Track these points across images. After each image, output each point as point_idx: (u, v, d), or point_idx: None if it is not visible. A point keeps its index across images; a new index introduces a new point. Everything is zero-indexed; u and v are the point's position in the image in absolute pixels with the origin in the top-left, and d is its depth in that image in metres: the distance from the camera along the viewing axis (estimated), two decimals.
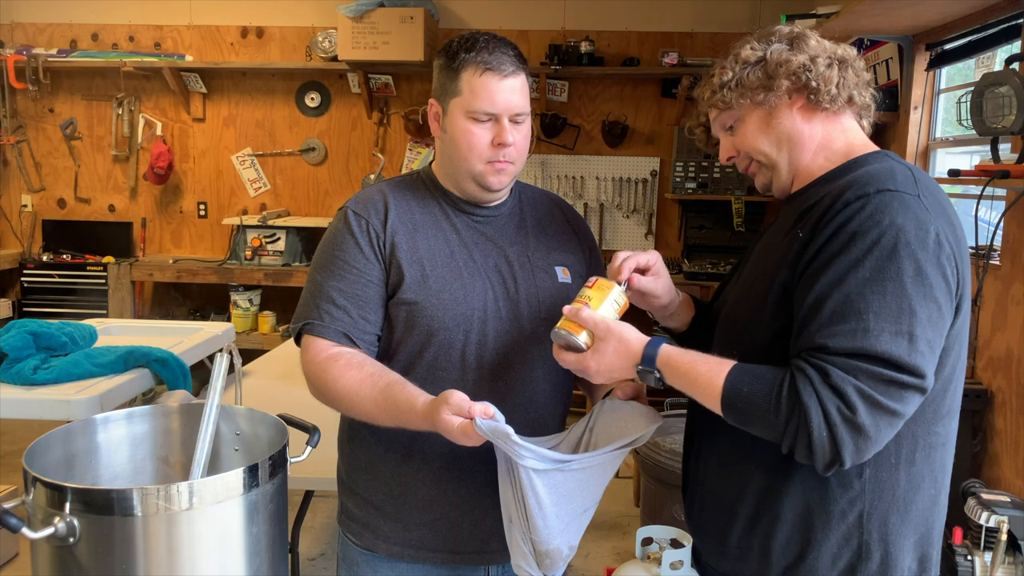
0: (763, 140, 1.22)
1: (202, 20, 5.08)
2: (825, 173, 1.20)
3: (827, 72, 1.17)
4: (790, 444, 1.03)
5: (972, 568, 2.00)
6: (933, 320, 1.03)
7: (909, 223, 1.03)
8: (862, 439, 1.00)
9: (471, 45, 1.34)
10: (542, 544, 1.22)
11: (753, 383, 1.06)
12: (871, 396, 1.00)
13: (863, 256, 1.02)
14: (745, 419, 1.07)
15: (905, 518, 1.14)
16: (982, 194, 2.50)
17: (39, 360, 2.17)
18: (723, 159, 1.29)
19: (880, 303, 1.01)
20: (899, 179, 1.08)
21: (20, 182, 5.25)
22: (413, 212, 1.43)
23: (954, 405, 1.16)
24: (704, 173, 4.76)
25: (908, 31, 3.29)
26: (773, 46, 1.19)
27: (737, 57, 1.21)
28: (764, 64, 1.18)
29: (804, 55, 1.18)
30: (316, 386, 1.36)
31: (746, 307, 1.20)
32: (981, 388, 2.64)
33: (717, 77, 1.22)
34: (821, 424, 1.00)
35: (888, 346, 1.00)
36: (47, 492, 1.10)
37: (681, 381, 1.13)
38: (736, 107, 1.21)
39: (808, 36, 1.21)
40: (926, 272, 1.02)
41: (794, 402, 1.01)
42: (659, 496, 3.02)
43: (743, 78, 1.19)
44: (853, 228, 1.04)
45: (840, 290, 1.03)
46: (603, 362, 1.17)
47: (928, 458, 1.14)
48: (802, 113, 1.20)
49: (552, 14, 4.93)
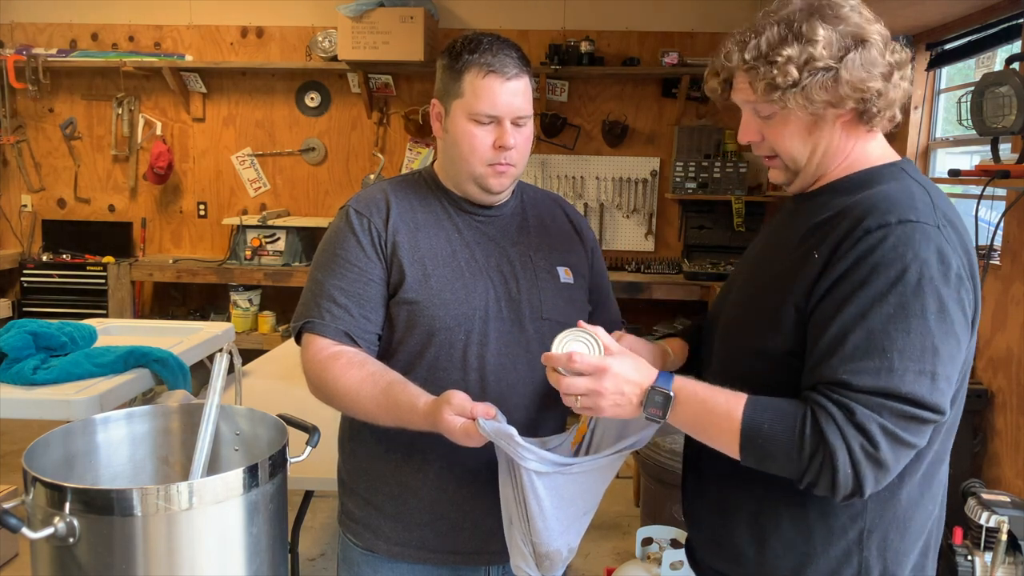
0: (799, 146, 1.15)
1: (202, 20, 5.08)
2: (839, 180, 1.16)
3: (893, 96, 1.10)
4: (811, 480, 1.02)
5: (972, 568, 2.00)
6: (953, 356, 1.03)
7: (932, 257, 1.01)
8: (882, 472, 1.01)
9: (475, 46, 1.34)
10: (542, 546, 1.22)
11: (774, 419, 1.04)
12: (893, 432, 1.00)
13: (887, 291, 1.01)
14: (764, 455, 1.05)
15: (905, 535, 1.14)
16: (982, 194, 2.50)
17: (39, 360, 2.17)
18: (743, 139, 1.20)
19: (904, 341, 1.00)
20: (920, 207, 1.05)
21: (20, 182, 5.25)
22: (415, 211, 1.42)
23: (954, 422, 1.16)
24: (704, 173, 4.76)
25: (908, 31, 3.29)
26: (849, 55, 1.07)
27: (805, 53, 1.07)
28: (836, 77, 1.07)
29: (877, 71, 1.08)
30: (316, 385, 1.35)
31: (752, 317, 1.18)
32: (981, 388, 2.64)
33: (780, 74, 1.07)
34: (847, 462, 0.99)
35: (912, 386, 1.00)
36: (47, 492, 1.10)
37: (695, 409, 1.09)
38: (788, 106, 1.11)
39: (874, 37, 1.10)
40: (948, 308, 1.02)
41: (818, 440, 1.00)
42: (659, 496, 3.02)
43: (810, 87, 1.07)
44: (875, 260, 1.02)
45: (864, 325, 1.01)
46: (623, 368, 1.10)
47: (928, 475, 1.14)
48: (844, 127, 1.14)
49: (552, 14, 4.93)
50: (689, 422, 1.11)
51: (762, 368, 1.13)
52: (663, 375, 1.11)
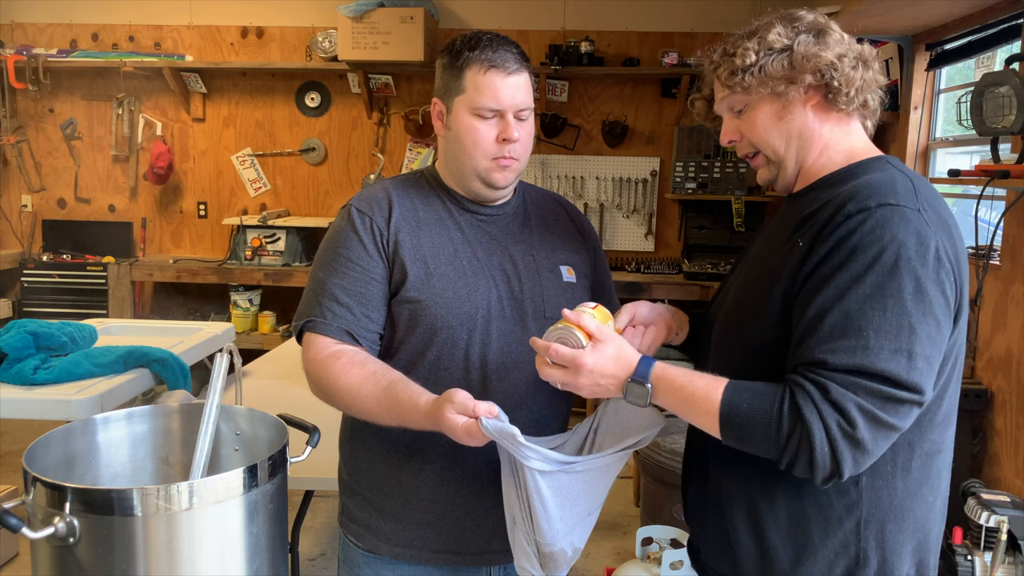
0: (773, 133, 1.19)
1: (202, 20, 5.08)
2: (826, 175, 1.19)
3: (851, 73, 1.14)
4: (790, 460, 1.03)
5: (972, 568, 2.00)
6: (932, 336, 1.03)
7: (910, 239, 1.03)
8: (860, 453, 1.01)
9: (475, 43, 1.35)
10: (546, 546, 1.22)
11: (752, 400, 1.05)
12: (870, 411, 1.00)
13: (864, 272, 1.02)
14: (744, 435, 1.06)
15: (902, 525, 1.14)
16: (982, 194, 2.50)
17: (39, 360, 2.17)
18: (724, 141, 1.25)
19: (880, 320, 1.01)
20: (900, 192, 1.07)
21: (20, 182, 5.25)
22: (417, 210, 1.43)
23: (950, 413, 1.16)
24: (704, 173, 4.76)
25: (908, 31, 3.29)
26: (800, 36, 1.14)
27: (762, 41, 1.15)
28: (790, 54, 1.14)
29: (831, 51, 1.14)
30: (317, 384, 1.35)
31: (746, 309, 1.20)
32: (981, 388, 2.64)
33: (739, 58, 1.15)
34: (823, 440, 1.00)
35: (888, 364, 1.01)
36: (47, 492, 1.10)
37: (675, 396, 1.11)
38: (752, 93, 1.17)
39: (832, 30, 1.17)
40: (926, 289, 1.02)
41: (796, 418, 1.01)
42: (659, 496, 3.03)
43: (766, 65, 1.14)
44: (854, 242, 1.04)
45: (840, 306, 1.03)
46: (599, 362, 1.13)
47: (925, 466, 1.14)
48: (815, 111, 1.17)
49: (552, 14, 4.93)
50: (670, 406, 1.13)
51: (758, 360, 1.14)
52: (643, 362, 1.14)
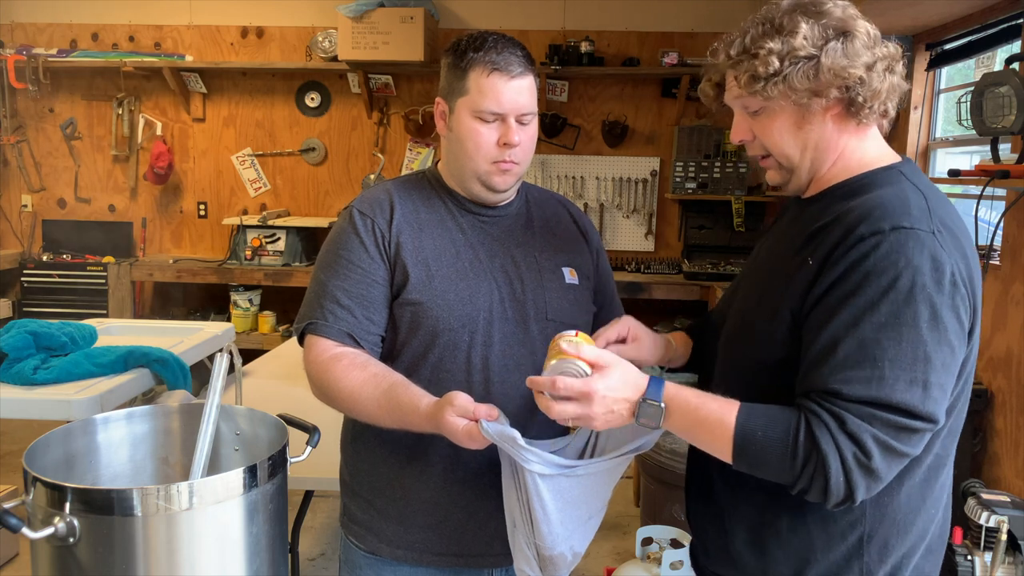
0: (790, 141, 1.14)
1: (202, 20, 5.07)
2: (838, 183, 1.16)
3: (878, 87, 1.09)
4: (804, 487, 1.02)
5: (972, 568, 2.00)
6: (946, 363, 1.02)
7: (925, 263, 1.00)
8: (873, 480, 1.01)
9: (479, 44, 1.33)
10: (546, 549, 1.21)
11: (767, 427, 1.03)
12: (885, 442, 1.00)
13: (879, 299, 1.00)
14: (757, 462, 1.05)
15: (906, 539, 1.13)
16: (982, 194, 2.50)
17: (39, 360, 2.17)
18: (735, 139, 1.20)
19: (896, 350, 1.00)
20: (914, 212, 1.04)
21: (20, 182, 5.25)
22: (419, 212, 1.42)
23: (956, 426, 1.15)
24: (704, 173, 4.76)
25: (908, 31, 3.29)
26: (830, 44, 1.07)
27: (787, 43, 1.08)
28: (817, 65, 1.07)
29: (860, 62, 1.07)
30: (319, 386, 1.35)
31: (753, 323, 1.17)
32: (981, 388, 2.64)
33: (762, 64, 1.08)
34: (839, 470, 1.00)
35: (903, 395, 0.99)
36: (47, 492, 1.10)
37: (689, 418, 1.08)
38: (771, 100, 1.11)
39: (859, 29, 1.09)
40: (941, 316, 1.01)
41: (811, 448, 1.00)
42: (659, 496, 3.02)
43: (791, 76, 1.07)
44: (868, 267, 1.01)
45: (855, 334, 1.01)
46: (610, 387, 1.08)
47: (929, 479, 1.14)
48: (835, 121, 1.13)
49: (552, 14, 4.93)
50: (682, 429, 1.10)
51: (764, 378, 1.13)
52: (653, 383, 1.10)
